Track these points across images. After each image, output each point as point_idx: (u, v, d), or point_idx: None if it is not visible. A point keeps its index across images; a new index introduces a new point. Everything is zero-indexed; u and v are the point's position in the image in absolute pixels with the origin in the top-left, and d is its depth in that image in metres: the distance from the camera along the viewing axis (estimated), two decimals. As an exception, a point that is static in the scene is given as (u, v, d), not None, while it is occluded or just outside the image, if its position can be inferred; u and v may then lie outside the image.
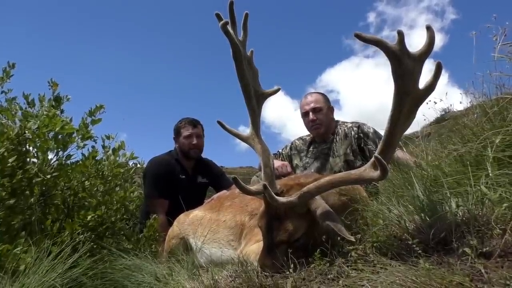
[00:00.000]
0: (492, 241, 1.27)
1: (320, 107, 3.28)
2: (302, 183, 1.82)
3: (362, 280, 1.26)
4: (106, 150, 2.91)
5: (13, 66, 2.73)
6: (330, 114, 3.34)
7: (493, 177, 1.50)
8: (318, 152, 3.36)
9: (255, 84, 2.03)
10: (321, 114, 3.28)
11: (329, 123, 3.32)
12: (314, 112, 3.29)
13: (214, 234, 2.56)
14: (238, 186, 1.70)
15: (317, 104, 3.29)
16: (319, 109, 3.28)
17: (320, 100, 3.32)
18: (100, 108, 2.72)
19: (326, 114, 3.29)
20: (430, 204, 1.49)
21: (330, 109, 3.35)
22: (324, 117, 3.28)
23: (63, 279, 1.83)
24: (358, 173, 1.60)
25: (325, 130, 3.32)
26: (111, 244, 2.50)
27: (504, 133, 1.62)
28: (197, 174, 4.01)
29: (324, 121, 3.29)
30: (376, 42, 1.39)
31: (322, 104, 3.30)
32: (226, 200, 2.78)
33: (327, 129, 3.32)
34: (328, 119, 3.31)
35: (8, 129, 2.22)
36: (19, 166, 2.22)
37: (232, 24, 1.88)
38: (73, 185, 2.59)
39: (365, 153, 3.17)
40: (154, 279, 1.98)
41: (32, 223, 2.21)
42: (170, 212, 3.50)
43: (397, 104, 1.47)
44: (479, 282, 1.10)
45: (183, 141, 3.88)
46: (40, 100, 2.64)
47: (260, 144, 1.98)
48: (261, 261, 1.66)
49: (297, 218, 1.67)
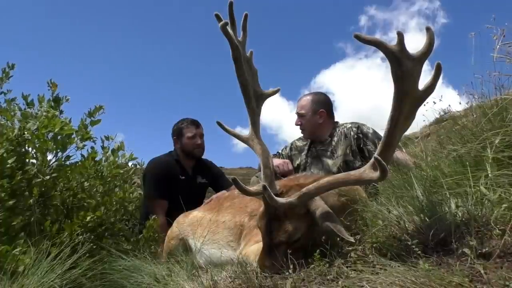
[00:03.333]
0: (491, 242, 1.27)
1: (303, 114, 3.32)
2: (302, 183, 1.82)
3: (362, 280, 1.26)
4: (106, 151, 2.91)
5: (12, 67, 2.73)
6: (317, 120, 3.31)
7: (492, 177, 1.50)
8: (317, 153, 3.36)
9: (255, 85, 2.03)
10: (304, 119, 3.32)
11: (314, 128, 3.32)
12: (298, 117, 3.37)
13: (213, 234, 2.56)
14: (238, 187, 1.70)
15: (301, 110, 3.34)
16: (302, 115, 3.33)
17: (306, 105, 3.34)
18: (99, 109, 2.72)
19: (309, 119, 3.31)
20: (429, 205, 1.49)
21: (319, 113, 3.29)
22: (306, 123, 3.32)
23: (62, 280, 1.83)
24: (357, 174, 1.60)
25: (309, 135, 3.36)
26: (110, 245, 2.49)
27: (503, 133, 1.62)
28: (196, 175, 4.00)
29: (307, 127, 3.32)
30: (376, 43, 1.40)
31: (306, 110, 3.32)
32: (226, 201, 2.78)
33: (312, 134, 3.35)
34: (312, 124, 3.31)
35: (7, 130, 2.22)
36: (19, 167, 2.22)
37: (231, 25, 1.88)
38: (73, 186, 2.59)
39: (364, 154, 3.16)
40: (154, 280, 1.97)
41: (31, 224, 2.21)
42: (169, 212, 3.50)
43: (396, 105, 1.47)
44: (479, 282, 1.10)
45: (187, 142, 3.87)
46: (39, 101, 2.64)
47: (260, 145, 1.98)
48: (261, 261, 1.66)
49: (296, 219, 1.66)
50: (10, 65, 2.72)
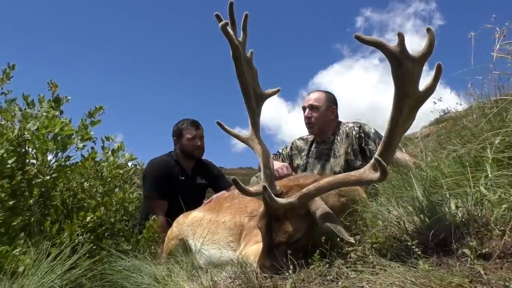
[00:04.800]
0: (491, 242, 1.27)
1: (318, 106, 3.23)
2: (302, 184, 1.82)
3: (362, 281, 1.26)
4: (106, 151, 2.91)
5: (13, 68, 2.73)
6: (329, 115, 3.29)
7: (492, 178, 1.50)
8: (319, 152, 3.35)
9: (255, 85, 2.03)
10: (317, 112, 3.23)
11: (325, 123, 3.27)
12: (310, 109, 3.26)
13: (213, 235, 2.55)
14: (238, 187, 1.70)
15: (315, 102, 3.25)
16: (316, 107, 3.24)
17: (321, 99, 3.28)
18: (99, 110, 2.71)
19: (323, 114, 3.24)
20: (429, 205, 1.49)
21: (331, 109, 3.28)
22: (319, 116, 3.23)
23: (62, 280, 1.83)
24: (358, 174, 1.60)
25: (318, 130, 3.29)
26: (110, 245, 2.49)
27: (503, 134, 1.62)
28: (196, 175, 4.00)
29: (319, 121, 3.24)
30: (376, 43, 1.40)
31: (321, 103, 3.25)
32: (226, 201, 2.78)
33: (321, 129, 3.28)
34: (324, 119, 3.26)
35: (7, 130, 2.22)
36: (19, 168, 2.22)
37: (232, 25, 1.88)
38: (73, 186, 2.59)
39: (365, 153, 3.15)
40: (153, 280, 1.97)
41: (31, 224, 2.21)
42: (169, 213, 3.49)
43: (397, 106, 1.47)
44: (479, 283, 1.10)
45: (187, 143, 3.86)
46: (39, 101, 2.64)
47: (260, 145, 1.98)
48: (261, 262, 1.66)
49: (296, 219, 1.67)
50: (11, 65, 2.72)
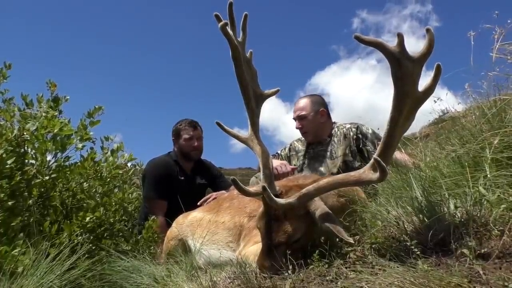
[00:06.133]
0: (490, 242, 1.27)
1: (305, 115, 3.28)
2: (301, 184, 1.82)
3: (361, 281, 1.26)
4: (105, 151, 2.90)
5: (9, 67, 2.71)
6: (319, 119, 3.30)
7: (491, 178, 1.50)
8: (315, 154, 3.36)
9: (254, 85, 2.02)
10: (306, 121, 3.29)
11: (317, 127, 3.31)
12: (299, 120, 3.32)
13: (212, 235, 2.55)
14: (237, 188, 1.70)
15: (302, 111, 3.31)
16: (303, 117, 3.30)
17: (306, 106, 3.32)
18: (98, 110, 2.71)
19: (312, 120, 3.29)
20: (428, 205, 1.49)
21: (320, 113, 3.30)
22: (309, 124, 3.29)
23: (61, 280, 1.83)
24: (357, 175, 1.60)
25: (312, 136, 3.34)
26: (109, 245, 2.49)
27: (502, 134, 1.62)
28: (196, 175, 4.00)
29: (310, 128, 3.30)
30: (376, 44, 1.40)
31: (307, 110, 3.30)
32: (225, 202, 2.78)
33: (315, 135, 3.33)
34: (315, 125, 3.30)
35: (6, 130, 2.22)
36: (18, 168, 2.22)
37: (231, 25, 1.88)
38: (72, 187, 2.59)
39: (363, 154, 3.16)
40: (153, 281, 1.97)
41: (30, 224, 2.21)
42: (168, 213, 3.49)
43: (396, 106, 1.47)
44: (478, 283, 1.10)
45: (184, 144, 3.87)
46: (38, 101, 2.63)
47: (259, 145, 1.97)
48: (260, 262, 1.66)
49: (296, 219, 1.67)
50: (7, 64, 2.71)
